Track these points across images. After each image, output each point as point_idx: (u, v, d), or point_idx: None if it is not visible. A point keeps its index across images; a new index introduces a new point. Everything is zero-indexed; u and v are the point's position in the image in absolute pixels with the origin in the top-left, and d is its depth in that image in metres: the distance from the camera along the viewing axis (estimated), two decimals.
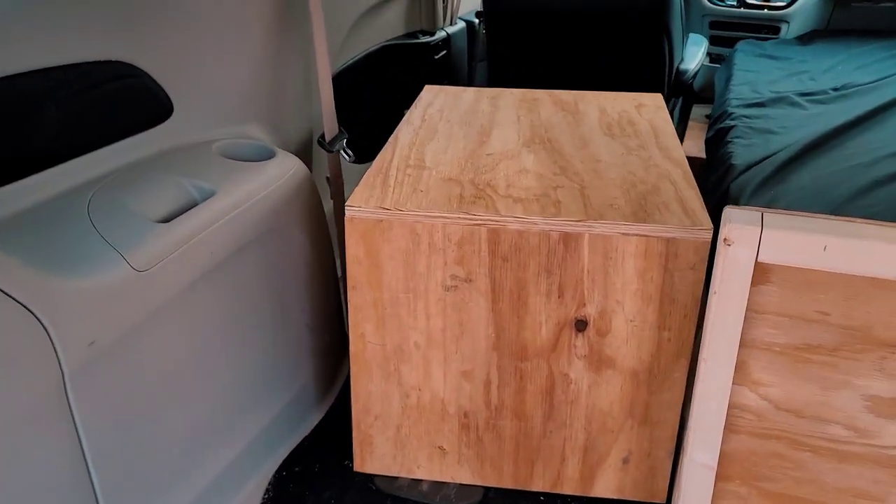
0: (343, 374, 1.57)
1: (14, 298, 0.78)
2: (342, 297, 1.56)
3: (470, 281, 1.14)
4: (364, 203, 1.13)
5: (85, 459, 0.90)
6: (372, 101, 2.06)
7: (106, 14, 1.06)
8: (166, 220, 1.04)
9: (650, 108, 1.58)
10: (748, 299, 0.95)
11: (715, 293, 0.95)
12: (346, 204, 1.12)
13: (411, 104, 1.55)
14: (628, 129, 1.45)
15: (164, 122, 1.19)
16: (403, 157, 1.30)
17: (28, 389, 0.80)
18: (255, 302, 1.21)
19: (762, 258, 0.91)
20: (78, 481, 0.90)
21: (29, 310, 0.79)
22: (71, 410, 0.86)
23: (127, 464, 0.97)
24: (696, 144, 2.79)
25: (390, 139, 1.38)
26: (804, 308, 0.94)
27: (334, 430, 1.41)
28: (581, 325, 1.14)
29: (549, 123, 1.47)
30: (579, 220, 1.08)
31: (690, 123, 2.99)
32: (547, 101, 1.61)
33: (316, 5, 1.31)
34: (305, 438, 1.39)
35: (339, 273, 1.51)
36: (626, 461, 1.23)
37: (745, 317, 0.96)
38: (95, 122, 1.08)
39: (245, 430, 1.23)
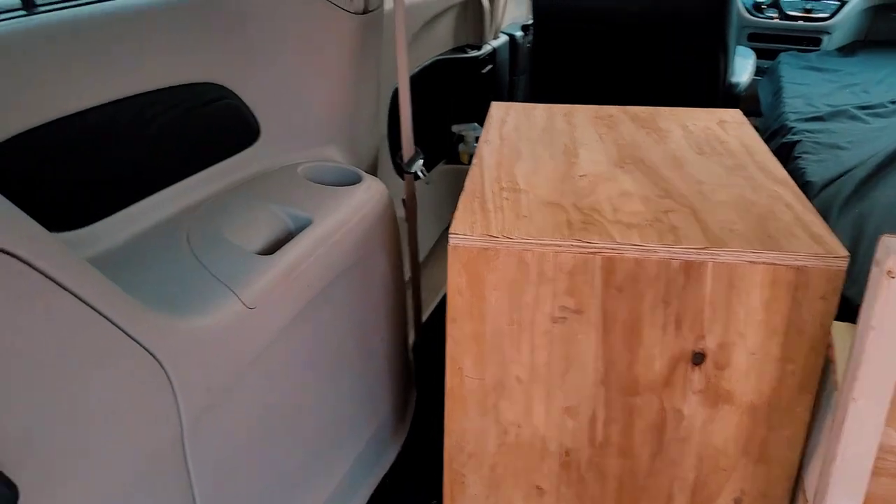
0: (412, 406, 1.50)
1: (138, 342, 0.71)
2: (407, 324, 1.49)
3: (580, 312, 1.07)
4: (469, 230, 1.06)
5: (194, 501, 0.83)
6: (423, 115, 2.00)
7: (197, 37, 0.99)
8: (266, 250, 0.97)
9: (732, 124, 1.52)
10: None
11: (873, 329, 0.88)
12: (450, 231, 1.06)
13: (460, 119, 1.50)
14: (718, 147, 1.39)
15: (252, 145, 1.12)
16: (494, 178, 1.24)
17: (149, 437, 0.73)
18: (343, 333, 1.14)
19: None
20: None
21: (152, 354, 0.72)
22: (185, 456, 0.80)
23: None
24: None
25: (475, 160, 1.32)
26: None
27: (412, 468, 1.34)
28: (698, 358, 1.07)
29: (634, 142, 1.41)
30: (702, 248, 1.01)
31: None
32: (624, 118, 1.55)
33: (400, 27, 1.25)
34: (385, 476, 1.32)
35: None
36: (737, 502, 1.16)
37: None
38: (190, 147, 1.02)
39: (336, 468, 1.16)
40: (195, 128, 1.02)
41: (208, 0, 1.06)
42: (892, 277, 0.85)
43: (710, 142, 1.41)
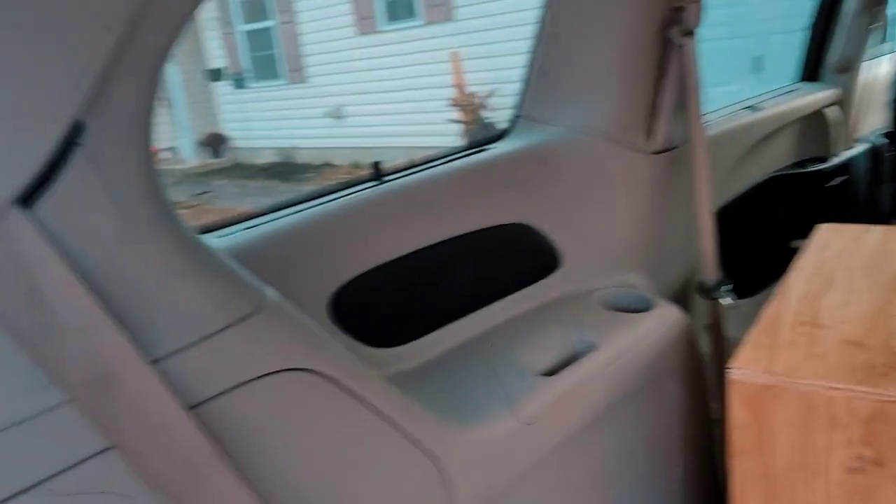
0: None
1: (422, 446, 0.89)
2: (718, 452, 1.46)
3: (881, 465, 0.98)
4: (750, 365, 1.06)
5: None
6: (757, 235, 1.96)
7: (506, 185, 1.20)
8: (551, 371, 1.10)
9: None
10: None
11: None
12: (733, 364, 1.07)
13: (799, 237, 1.44)
14: None
15: (552, 273, 1.28)
16: (794, 311, 1.20)
17: None
18: (629, 456, 1.20)
19: None
20: None
21: (434, 456, 0.89)
22: None
23: None
24: None
25: (779, 289, 1.29)
26: None
27: None
28: None
29: None
30: None
31: None
32: None
33: (701, 155, 1.32)
34: None
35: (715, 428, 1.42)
36: None
37: None
38: (497, 277, 1.21)
39: None
40: (502, 260, 1.21)
41: (516, 153, 1.27)
42: None
43: None
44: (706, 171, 1.33)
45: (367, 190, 1.14)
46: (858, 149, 2.28)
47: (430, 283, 1.14)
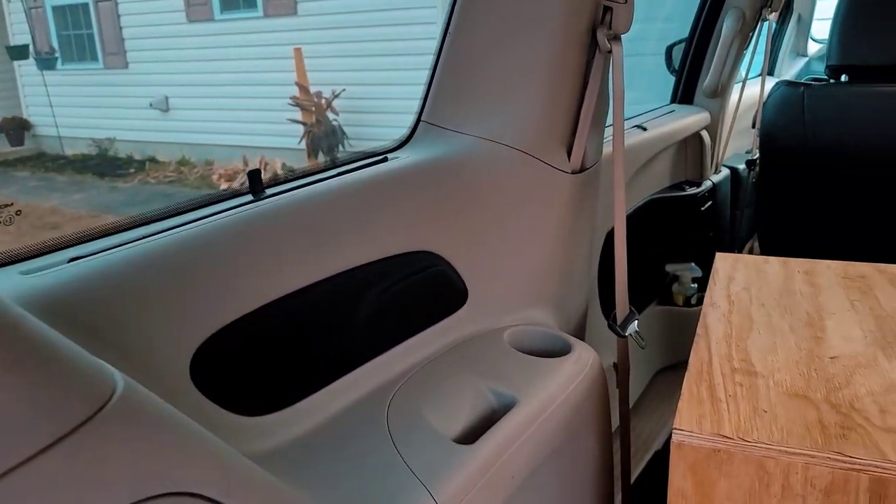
0: None
1: None
2: None
3: None
4: (696, 426, 0.92)
5: None
6: (635, 256, 1.88)
7: (411, 208, 0.99)
8: (467, 432, 0.90)
9: None
10: None
11: None
12: (674, 427, 0.92)
13: (676, 258, 1.37)
14: None
15: (458, 310, 1.08)
16: (723, 355, 1.09)
17: None
18: None
19: None
20: None
21: None
22: None
23: None
24: None
25: (699, 329, 1.18)
26: None
27: None
28: None
29: None
30: None
31: None
32: (880, 281, 1.33)
33: (621, 174, 1.17)
34: None
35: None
36: None
37: None
38: (399, 317, 0.99)
39: None
40: (405, 297, 1.00)
41: (420, 165, 1.06)
42: None
43: None
44: (623, 194, 1.19)
45: (242, 208, 0.88)
46: (723, 173, 2.30)
47: (319, 328, 0.89)
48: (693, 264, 2.16)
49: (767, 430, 0.90)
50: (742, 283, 1.35)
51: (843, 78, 1.93)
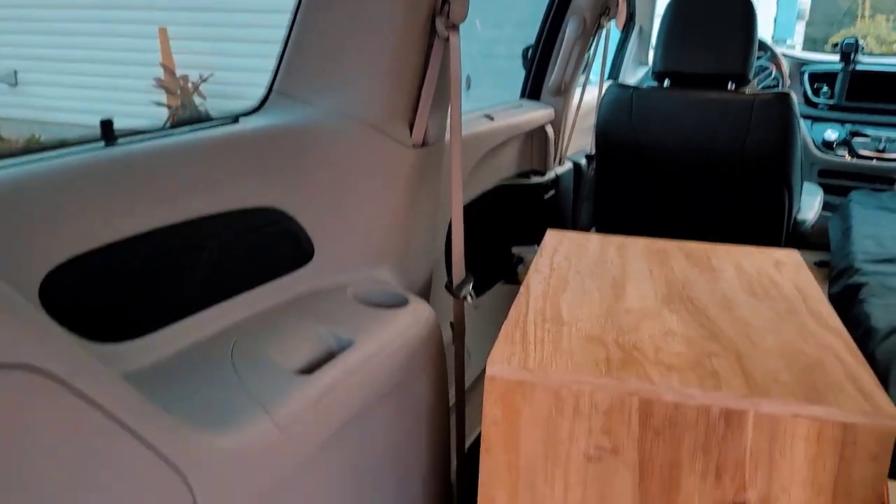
0: None
1: (165, 457, 0.74)
2: (454, 455, 1.48)
3: (616, 453, 1.05)
4: (507, 361, 1.07)
5: None
6: (484, 237, 2.05)
7: (260, 165, 1.08)
8: (306, 369, 1.00)
9: (789, 266, 1.50)
10: None
11: None
12: (488, 361, 1.07)
13: (522, 241, 1.54)
14: (772, 290, 1.37)
15: (304, 265, 1.18)
16: (538, 309, 1.26)
17: None
18: (379, 458, 1.14)
19: None
20: None
21: (179, 470, 0.75)
22: None
23: None
24: None
25: (522, 289, 1.35)
26: None
27: None
28: None
29: (686, 280, 1.41)
30: (743, 397, 0.99)
31: None
32: (677, 254, 1.56)
33: (457, 153, 1.32)
34: None
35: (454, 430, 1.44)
36: None
37: None
38: (245, 266, 1.08)
39: None
40: (251, 249, 1.08)
41: (271, 129, 1.16)
42: None
43: (762, 283, 1.40)
44: (460, 169, 1.34)
45: (94, 153, 0.94)
46: (567, 166, 2.52)
47: (166, 269, 0.97)
48: (536, 247, 2.37)
49: (564, 365, 1.07)
50: (564, 254, 1.54)
51: (666, 83, 2.19)
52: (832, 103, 3.22)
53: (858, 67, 3.18)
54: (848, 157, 3.06)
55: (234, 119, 1.17)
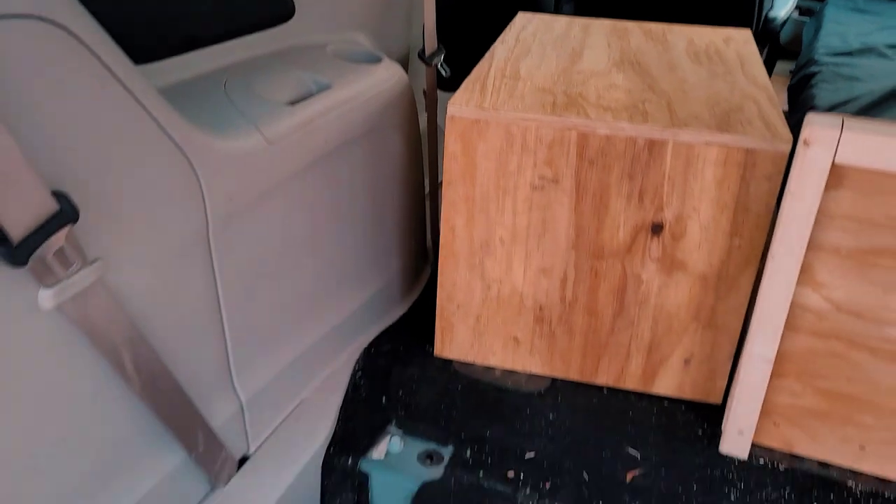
0: (424, 277, 1.69)
1: (180, 148, 0.91)
2: (427, 206, 1.68)
3: (556, 181, 1.23)
4: (465, 103, 1.23)
5: (218, 299, 1.05)
6: (466, 25, 2.14)
7: None
8: (291, 103, 1.16)
9: (738, 41, 1.62)
10: (821, 202, 1.02)
11: (790, 194, 1.02)
12: (449, 103, 1.23)
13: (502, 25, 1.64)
14: (715, 57, 1.50)
15: (286, 22, 1.31)
16: (500, 69, 1.40)
17: (181, 226, 0.95)
18: (356, 193, 1.33)
19: (839, 160, 0.98)
20: (211, 318, 1.05)
21: (190, 161, 0.93)
22: (210, 250, 1.01)
23: (247, 314, 1.12)
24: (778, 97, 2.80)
25: (486, 55, 1.48)
26: (874, 213, 1.01)
27: (417, 322, 1.55)
28: (657, 228, 1.23)
29: (639, 49, 1.54)
30: (665, 128, 1.16)
31: (774, 77, 2.98)
32: (637, 31, 1.67)
33: None
34: (392, 326, 1.53)
35: (427, 185, 1.62)
36: (687, 362, 1.32)
37: (815, 220, 1.04)
38: (233, 15, 1.21)
39: (341, 307, 1.38)
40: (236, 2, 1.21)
41: None
42: (808, 146, 0.99)
43: (708, 53, 1.53)
44: None
45: None
46: None
47: (164, 9, 1.10)
48: None
49: (515, 106, 1.22)
50: (532, 31, 1.66)
51: None
52: None
53: None
54: None
55: None
